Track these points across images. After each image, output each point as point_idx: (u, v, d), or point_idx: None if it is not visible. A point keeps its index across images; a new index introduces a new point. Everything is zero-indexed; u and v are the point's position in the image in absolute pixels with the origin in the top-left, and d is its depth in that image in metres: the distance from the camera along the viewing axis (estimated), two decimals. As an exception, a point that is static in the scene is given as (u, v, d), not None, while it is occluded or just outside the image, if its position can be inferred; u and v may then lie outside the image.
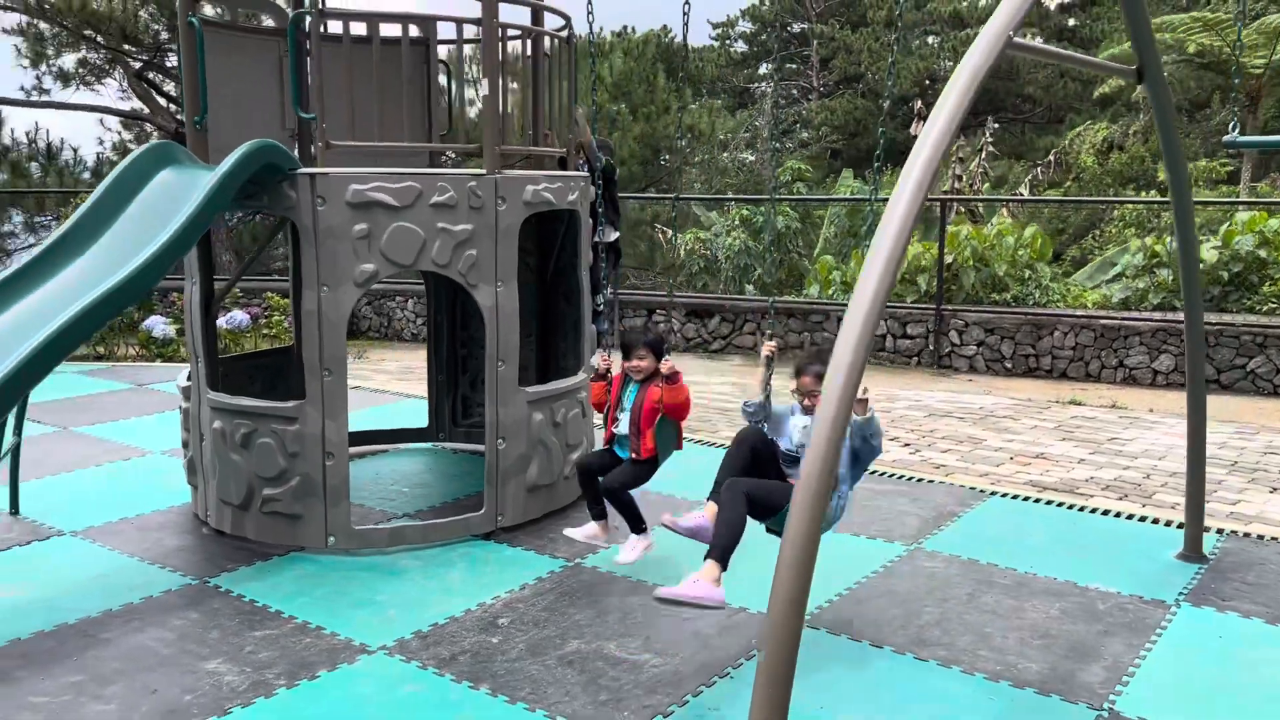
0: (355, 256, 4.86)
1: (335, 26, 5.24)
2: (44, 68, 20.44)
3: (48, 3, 18.15)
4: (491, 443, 5.26)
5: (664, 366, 4.65)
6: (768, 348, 4.26)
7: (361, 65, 5.14)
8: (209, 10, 11.83)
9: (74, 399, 8.61)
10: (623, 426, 4.80)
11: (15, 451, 5.60)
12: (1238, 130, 3.37)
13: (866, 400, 3.79)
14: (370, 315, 12.67)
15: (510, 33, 5.55)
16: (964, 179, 16.85)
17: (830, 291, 11.87)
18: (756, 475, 4.09)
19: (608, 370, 4.87)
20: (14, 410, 5.33)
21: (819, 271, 12.11)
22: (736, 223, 15.71)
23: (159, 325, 10.42)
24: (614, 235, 7.02)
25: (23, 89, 20.91)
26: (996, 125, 20.78)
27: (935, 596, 4.68)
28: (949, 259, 11.06)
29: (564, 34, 5.78)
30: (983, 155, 17.13)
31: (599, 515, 4.86)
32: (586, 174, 5.85)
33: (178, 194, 4.61)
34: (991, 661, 4.06)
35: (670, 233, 18.20)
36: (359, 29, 5.35)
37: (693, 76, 29.05)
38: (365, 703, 3.74)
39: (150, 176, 4.81)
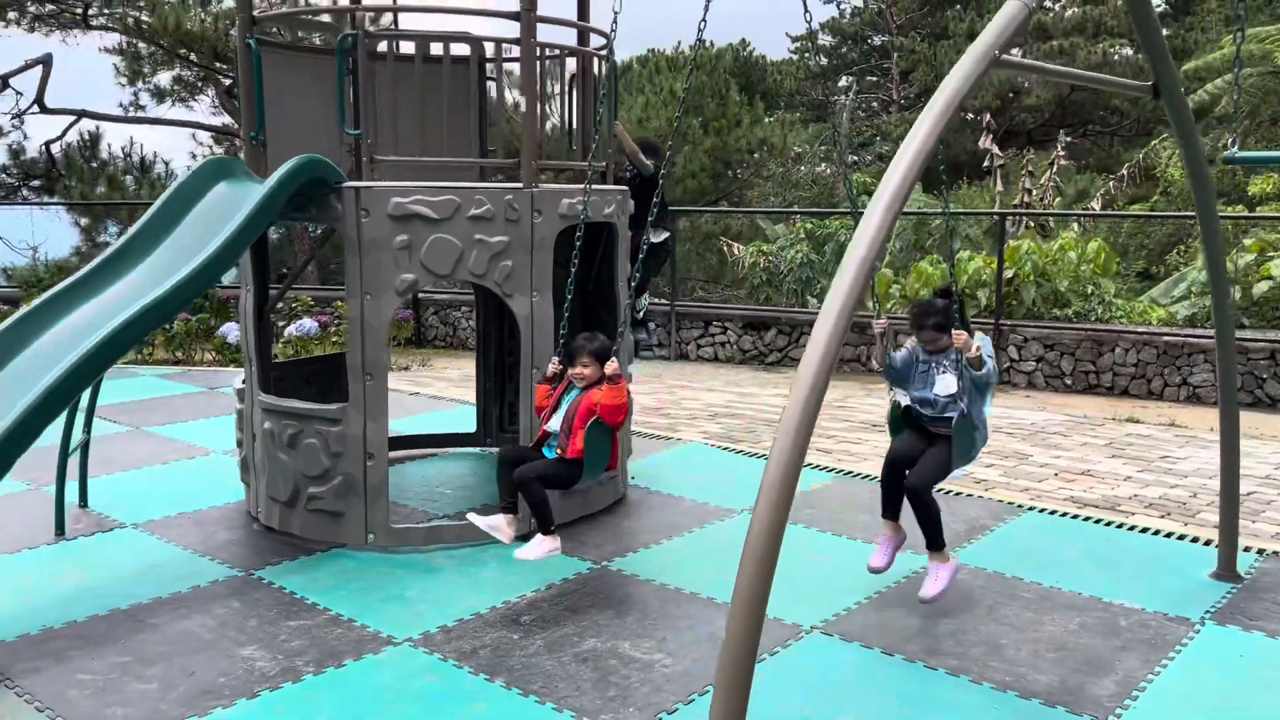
0: (396, 266, 5.09)
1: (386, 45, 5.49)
2: (140, 85, 21.42)
3: (145, 24, 19.02)
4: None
5: (608, 367, 4.65)
6: (879, 325, 4.70)
7: (409, 83, 5.38)
8: (271, 29, 12.30)
9: (149, 400, 9.05)
10: (554, 424, 4.83)
11: (85, 448, 5.96)
12: (1237, 146, 3.37)
13: (979, 356, 4.39)
14: (437, 325, 13.01)
15: (550, 51, 5.74)
16: (1034, 193, 16.60)
17: (889, 306, 11.83)
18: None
19: (557, 374, 4.90)
20: (82, 410, 5.69)
21: (877, 285, 12.05)
22: (801, 236, 15.71)
23: (233, 332, 10.86)
24: (663, 236, 7.13)
25: (120, 105, 21.92)
26: (1069, 139, 20.38)
27: (955, 608, 4.70)
28: (1009, 274, 10.95)
29: (603, 52, 5.95)
30: (1054, 169, 16.85)
31: (508, 509, 4.80)
32: (625, 187, 6.01)
33: (229, 207, 4.88)
34: (1001, 672, 4.09)
35: (736, 247, 18.28)
36: (408, 48, 5.59)
37: (769, 90, 29.04)
38: (385, 691, 3.92)
39: (206, 190, 5.10)
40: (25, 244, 17.37)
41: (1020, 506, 6.18)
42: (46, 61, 20.54)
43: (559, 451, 4.78)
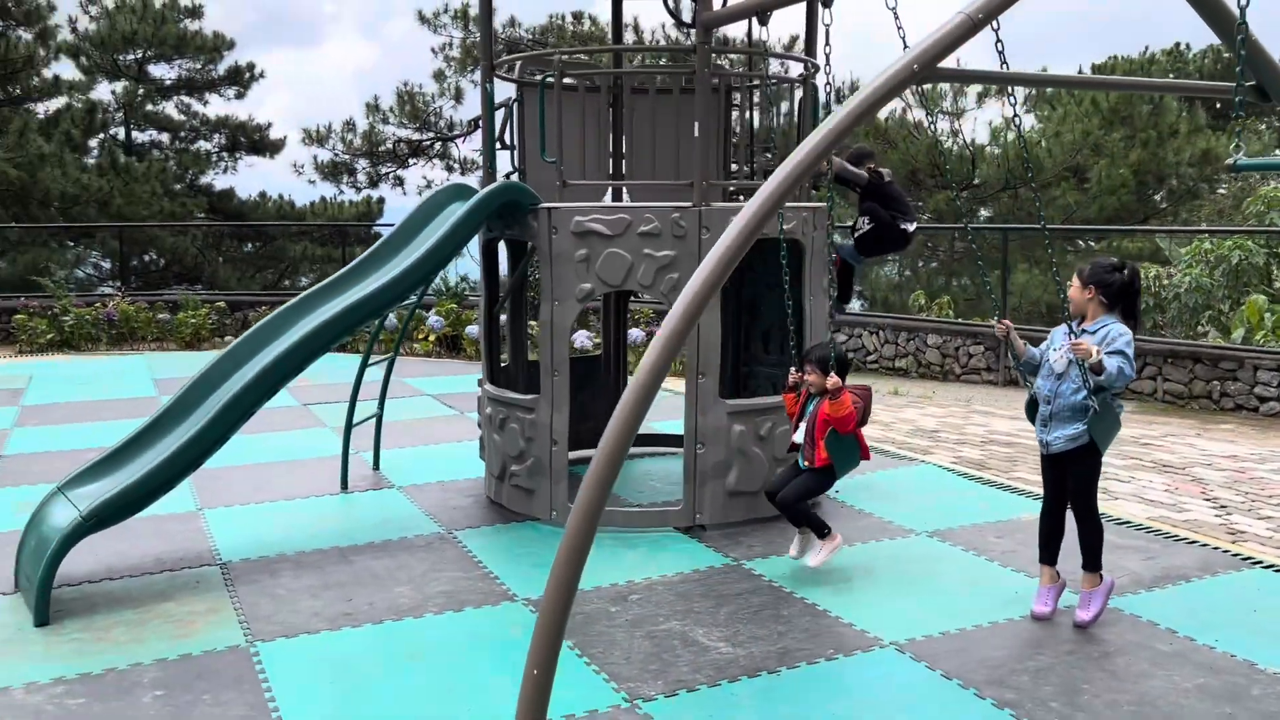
0: (577, 276, 5.77)
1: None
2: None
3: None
4: (690, 447, 5.86)
5: (829, 382, 4.97)
6: (1001, 327, 4.77)
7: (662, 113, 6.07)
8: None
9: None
10: (799, 436, 5.22)
11: (378, 421, 7.30)
12: (1242, 152, 2.93)
13: (1099, 361, 4.30)
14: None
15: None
16: None
17: (1260, 337, 10.43)
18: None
19: (797, 384, 5.25)
20: (360, 390, 6.99)
21: (1246, 312, 10.66)
22: (1203, 257, 14.15)
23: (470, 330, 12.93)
24: (912, 226, 7.08)
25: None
26: None
27: (1060, 648, 4.43)
28: None
29: (799, 77, 6.20)
30: None
31: (798, 526, 5.30)
32: (817, 205, 6.20)
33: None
34: (1055, 716, 3.87)
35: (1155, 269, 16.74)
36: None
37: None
38: (472, 633, 4.60)
39: (443, 209, 6.12)
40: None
41: (1246, 559, 5.48)
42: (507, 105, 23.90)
43: (807, 463, 5.22)
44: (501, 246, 6.81)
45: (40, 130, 23.21)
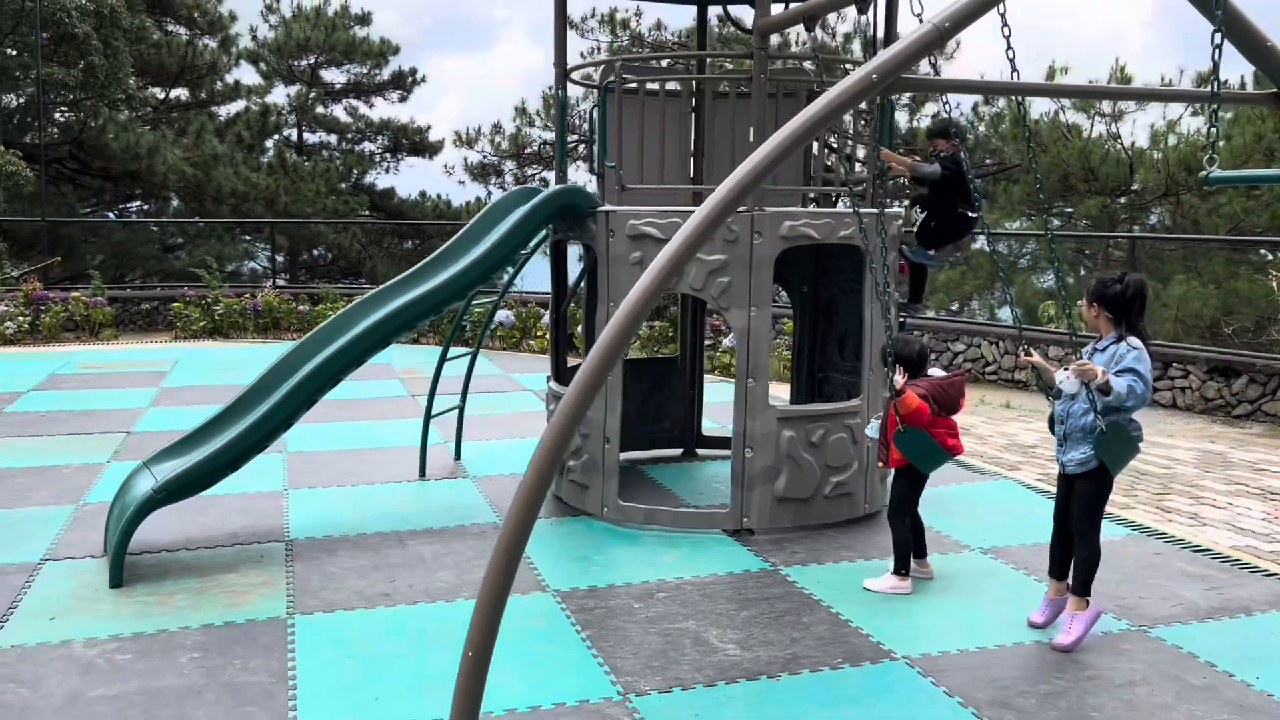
0: (631, 279, 5.88)
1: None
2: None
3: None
4: (738, 451, 5.89)
5: (897, 381, 4.93)
6: (1026, 359, 4.71)
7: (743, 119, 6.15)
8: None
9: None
10: (873, 430, 5.32)
11: (460, 413, 7.60)
12: (1215, 164, 2.74)
13: (1106, 382, 4.19)
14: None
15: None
16: None
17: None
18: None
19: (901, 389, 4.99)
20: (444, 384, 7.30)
21: None
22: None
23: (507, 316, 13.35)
24: (975, 213, 6.89)
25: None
26: None
27: (1082, 673, 4.28)
28: None
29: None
30: None
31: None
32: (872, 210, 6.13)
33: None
34: (1050, 740, 3.76)
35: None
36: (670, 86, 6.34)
37: None
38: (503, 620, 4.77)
39: (511, 211, 6.34)
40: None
41: (1322, 597, 5.13)
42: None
43: (881, 464, 5.29)
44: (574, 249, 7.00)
45: (215, 132, 24.84)
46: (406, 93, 32.05)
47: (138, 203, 27.40)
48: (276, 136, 30.16)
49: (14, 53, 20.57)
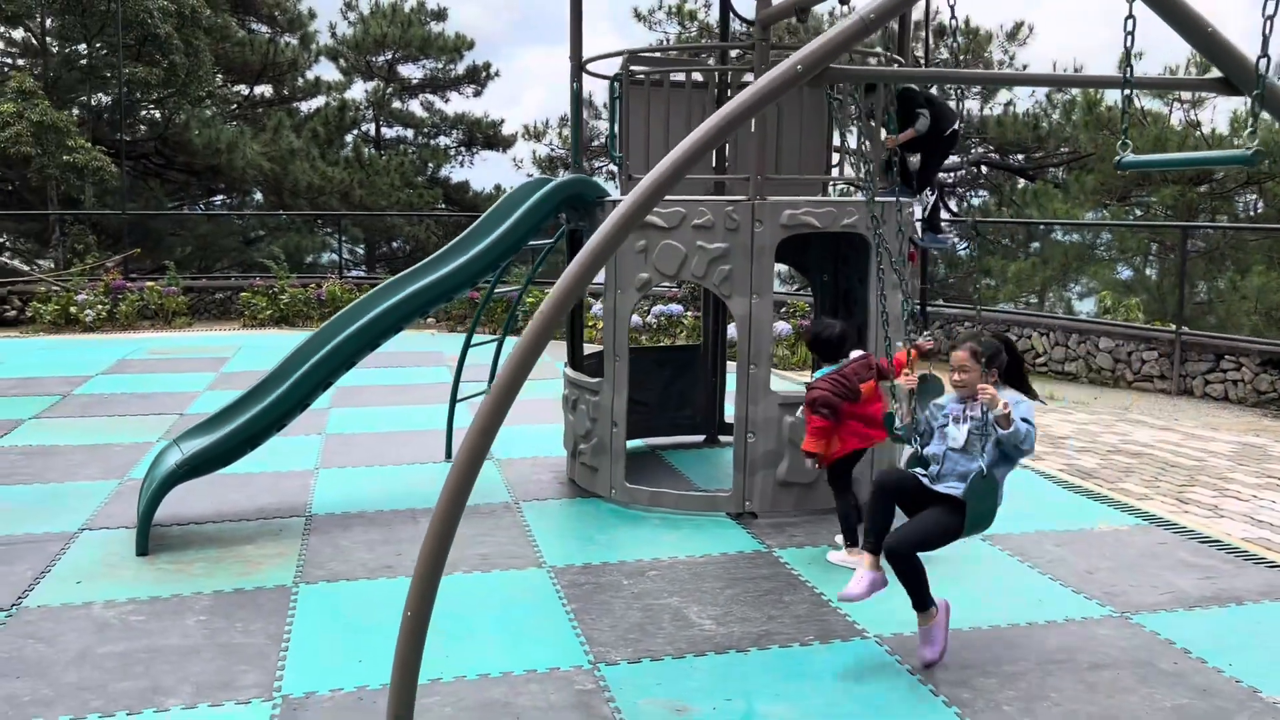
0: (635, 267, 6.04)
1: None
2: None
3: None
4: (740, 436, 6.00)
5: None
6: (909, 380, 4.39)
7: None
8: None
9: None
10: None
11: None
12: (1129, 150, 2.73)
13: (1008, 414, 3.89)
14: (941, 339, 13.17)
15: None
16: None
17: None
18: (907, 512, 4.25)
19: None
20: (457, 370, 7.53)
21: None
22: None
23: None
24: (953, 125, 6.86)
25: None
26: None
27: (1052, 656, 4.32)
28: None
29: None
30: None
31: None
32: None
33: (522, 214, 6.27)
34: (1014, 717, 3.82)
35: None
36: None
37: None
38: (486, 594, 4.99)
39: (524, 201, 6.53)
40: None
41: (1321, 589, 5.06)
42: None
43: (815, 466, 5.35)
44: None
45: (292, 128, 25.61)
46: (481, 87, 32.56)
47: (221, 197, 28.40)
48: (355, 132, 30.98)
49: (103, 53, 21.49)
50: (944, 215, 7.13)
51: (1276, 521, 6.23)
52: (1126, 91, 2.85)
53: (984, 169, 26.95)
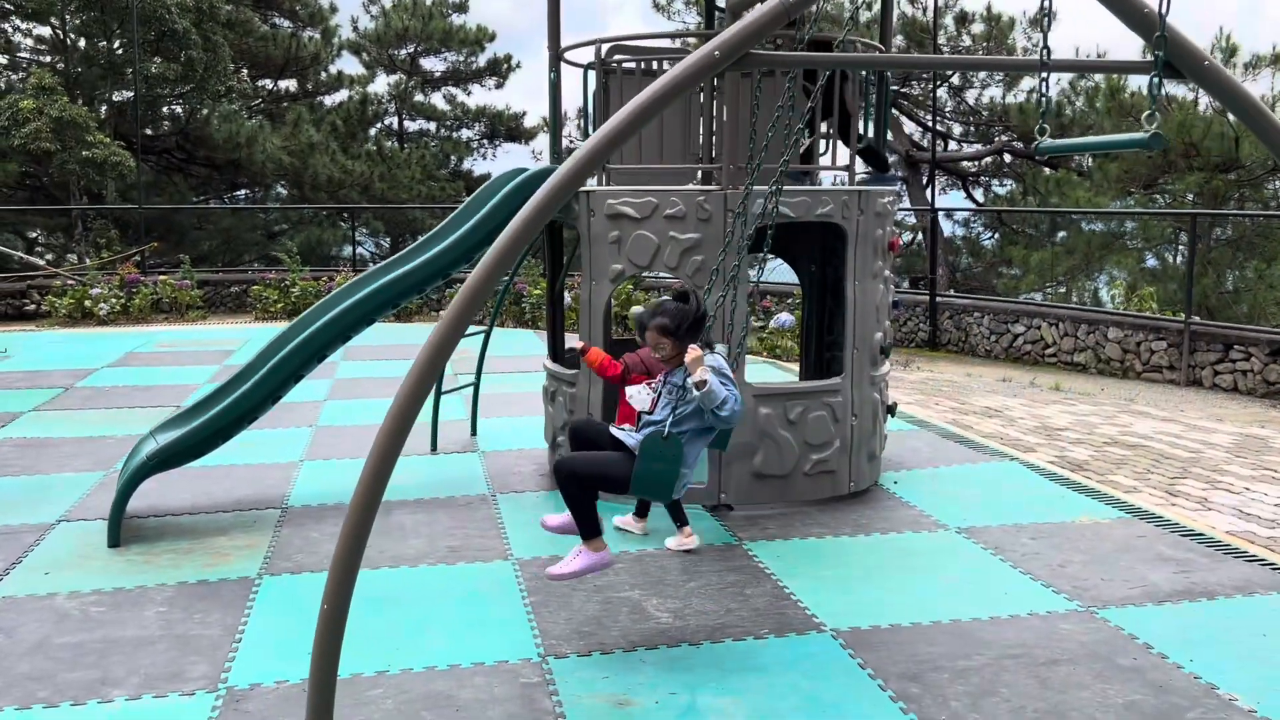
0: (609, 258, 6.00)
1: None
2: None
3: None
4: (714, 426, 5.94)
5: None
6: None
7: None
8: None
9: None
10: None
11: (475, 390, 7.84)
12: (1046, 134, 2.64)
13: (705, 380, 4.03)
14: (951, 329, 13.02)
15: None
16: None
17: None
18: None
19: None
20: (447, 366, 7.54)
21: None
22: None
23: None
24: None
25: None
26: None
27: (1009, 651, 4.24)
28: None
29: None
30: None
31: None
32: (860, 189, 6.09)
33: (496, 206, 6.24)
34: (946, 715, 3.75)
35: None
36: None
37: None
38: (448, 586, 4.98)
39: (499, 191, 6.49)
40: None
41: (1298, 584, 4.94)
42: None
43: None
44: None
45: (312, 122, 25.76)
46: (503, 79, 32.61)
47: (244, 191, 28.64)
48: (378, 125, 31.13)
49: (121, 50, 21.71)
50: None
51: (1264, 514, 6.10)
52: (1044, 75, 2.77)
53: (1007, 157, 26.67)
